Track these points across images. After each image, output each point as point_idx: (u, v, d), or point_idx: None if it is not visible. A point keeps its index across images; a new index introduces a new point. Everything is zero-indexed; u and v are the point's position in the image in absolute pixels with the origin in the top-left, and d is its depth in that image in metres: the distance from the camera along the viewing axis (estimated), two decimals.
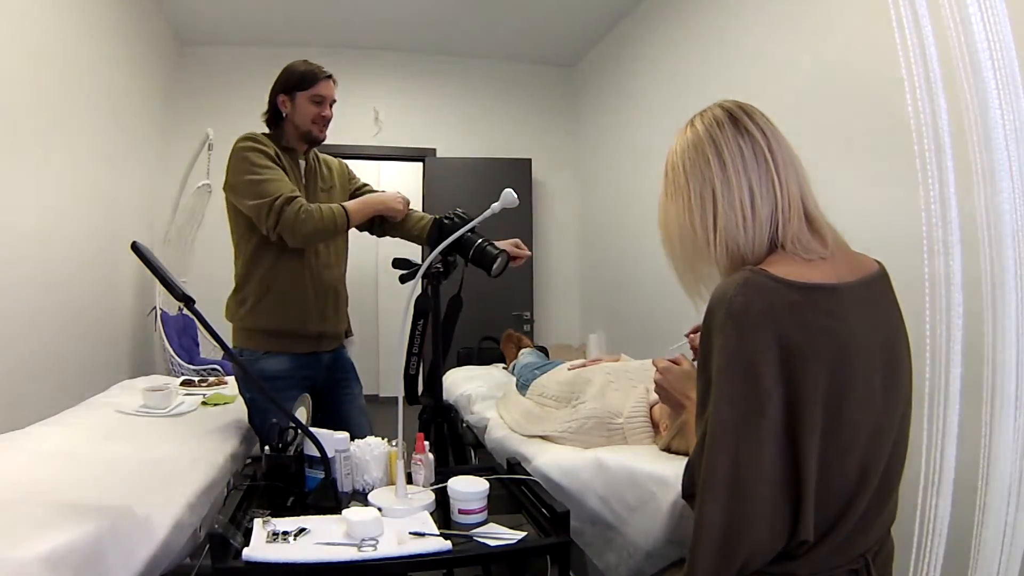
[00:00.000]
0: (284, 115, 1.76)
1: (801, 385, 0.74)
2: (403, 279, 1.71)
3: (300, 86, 1.74)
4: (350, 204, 1.73)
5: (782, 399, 0.74)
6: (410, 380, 1.59)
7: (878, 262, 0.91)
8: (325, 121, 1.79)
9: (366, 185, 1.99)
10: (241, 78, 3.98)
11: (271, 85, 1.78)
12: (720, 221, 0.83)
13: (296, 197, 1.62)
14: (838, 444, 0.77)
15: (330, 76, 1.79)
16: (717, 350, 0.76)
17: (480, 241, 1.48)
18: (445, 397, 1.70)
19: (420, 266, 1.35)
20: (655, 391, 1.22)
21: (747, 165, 0.83)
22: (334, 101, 1.81)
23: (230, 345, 1.21)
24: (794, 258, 0.81)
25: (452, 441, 1.63)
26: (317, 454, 1.25)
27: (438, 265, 1.55)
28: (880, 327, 0.84)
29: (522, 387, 2.02)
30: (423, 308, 1.57)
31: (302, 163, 1.82)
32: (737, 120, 0.85)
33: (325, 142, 1.81)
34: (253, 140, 1.70)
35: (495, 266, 1.46)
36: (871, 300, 0.85)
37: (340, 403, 1.87)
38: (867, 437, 0.80)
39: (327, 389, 1.86)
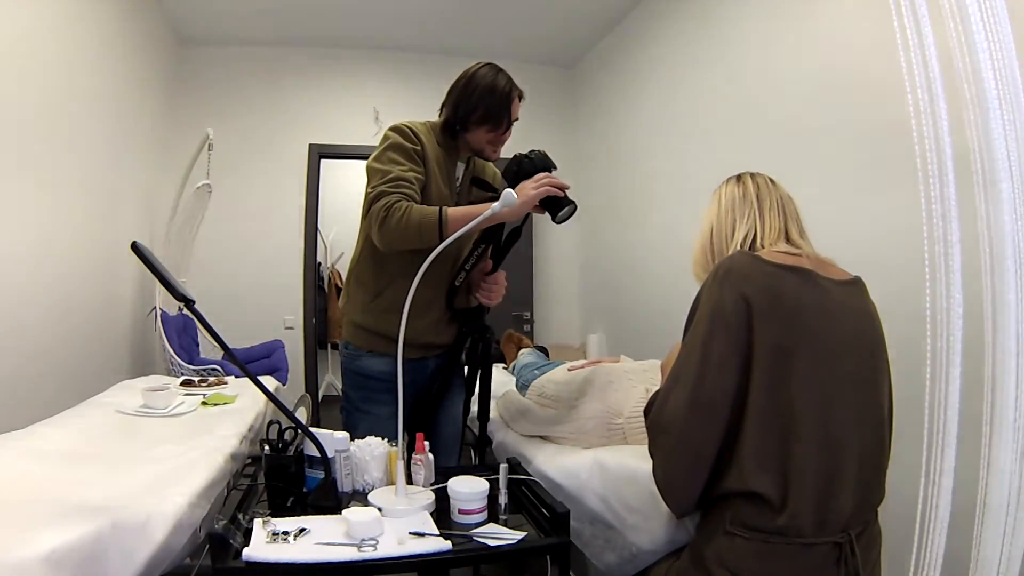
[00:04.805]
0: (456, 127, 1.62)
1: (758, 328, 0.95)
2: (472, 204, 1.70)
3: (483, 123, 1.58)
4: (452, 209, 1.46)
5: (745, 338, 0.95)
6: (452, 289, 1.68)
7: (857, 276, 1.12)
8: (502, 142, 1.64)
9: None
10: (241, 78, 3.97)
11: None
12: (714, 237, 1.18)
13: (392, 194, 1.46)
14: (786, 388, 0.94)
15: (519, 95, 1.60)
16: (702, 304, 1.01)
17: None
18: None
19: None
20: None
21: (735, 206, 1.17)
22: (516, 119, 1.63)
23: (229, 344, 1.20)
24: (775, 254, 1.05)
25: (483, 363, 1.70)
26: (317, 454, 1.26)
27: None
28: (847, 315, 1.03)
29: (522, 387, 2.02)
30: (488, 236, 1.64)
31: (461, 165, 1.70)
32: (740, 178, 1.20)
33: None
34: (399, 132, 1.58)
35: (561, 213, 1.48)
36: (840, 293, 1.04)
37: (436, 411, 1.74)
38: (824, 398, 0.95)
39: (433, 396, 1.73)
